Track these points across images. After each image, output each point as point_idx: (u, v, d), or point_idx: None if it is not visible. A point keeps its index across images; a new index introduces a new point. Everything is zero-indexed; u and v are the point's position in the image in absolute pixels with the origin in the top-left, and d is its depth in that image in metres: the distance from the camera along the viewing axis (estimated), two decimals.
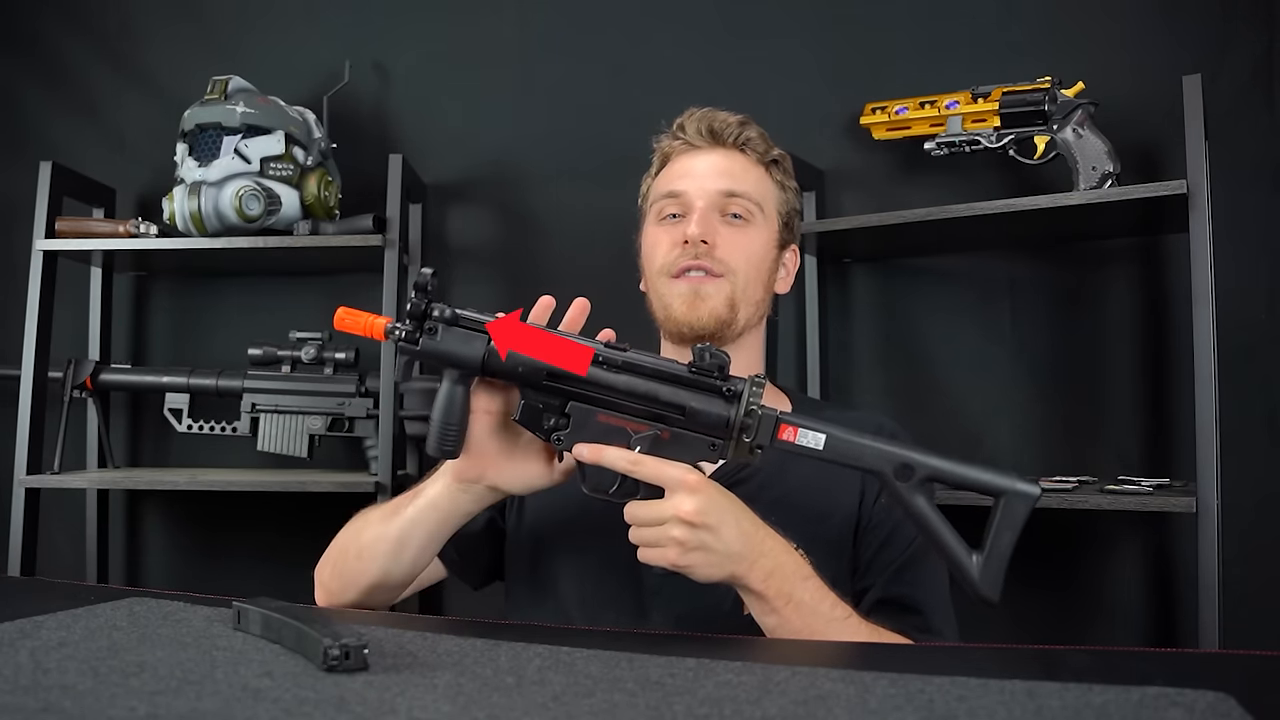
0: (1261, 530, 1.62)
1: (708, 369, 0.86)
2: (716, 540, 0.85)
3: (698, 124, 1.13)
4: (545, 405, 0.87)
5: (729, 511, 0.86)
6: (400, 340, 0.85)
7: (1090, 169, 1.55)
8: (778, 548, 0.89)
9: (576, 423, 0.87)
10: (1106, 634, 1.71)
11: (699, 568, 0.86)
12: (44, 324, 1.82)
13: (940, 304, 1.84)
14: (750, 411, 0.85)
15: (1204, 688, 0.59)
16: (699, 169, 1.12)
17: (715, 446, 0.86)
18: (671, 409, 0.86)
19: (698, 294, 1.07)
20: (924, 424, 1.73)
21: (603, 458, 0.86)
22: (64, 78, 2.14)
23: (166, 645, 0.70)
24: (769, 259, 1.13)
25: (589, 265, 1.90)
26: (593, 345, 0.87)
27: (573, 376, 0.86)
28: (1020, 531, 0.83)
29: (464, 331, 0.85)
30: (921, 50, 1.83)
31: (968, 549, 0.84)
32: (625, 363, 0.86)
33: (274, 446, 1.87)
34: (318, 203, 1.84)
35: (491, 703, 0.59)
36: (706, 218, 1.08)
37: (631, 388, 0.86)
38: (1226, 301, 1.53)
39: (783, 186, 1.15)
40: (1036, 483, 0.85)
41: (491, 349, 0.85)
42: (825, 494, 1.06)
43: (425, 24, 2.05)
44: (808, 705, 0.59)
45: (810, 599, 0.89)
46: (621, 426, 0.87)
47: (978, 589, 0.83)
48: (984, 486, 0.84)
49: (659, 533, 0.85)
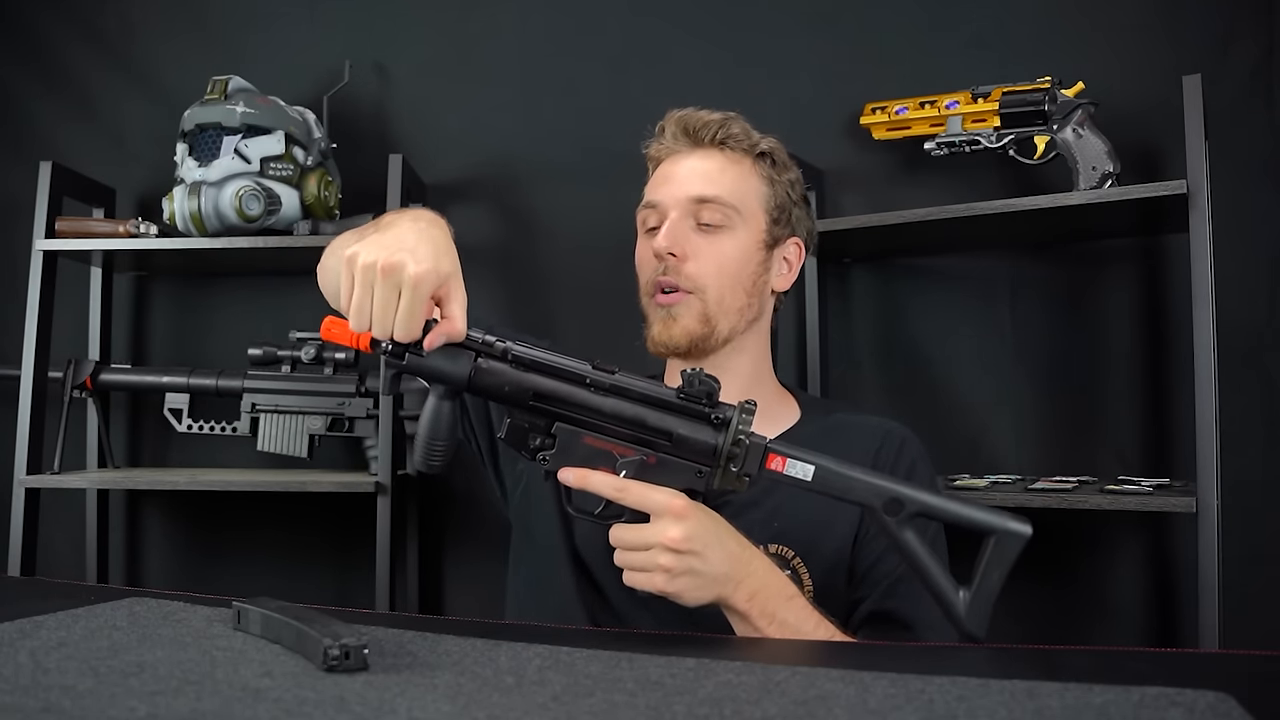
0: (1261, 530, 1.62)
1: (695, 395, 0.85)
2: (703, 564, 0.85)
3: (675, 126, 1.12)
4: (531, 425, 0.86)
5: (714, 534, 0.86)
6: (387, 354, 0.83)
7: (1090, 169, 1.55)
8: (763, 568, 0.90)
9: (562, 444, 0.86)
10: (1106, 634, 1.71)
11: (687, 593, 0.85)
12: (44, 324, 1.82)
13: (940, 304, 1.84)
14: (738, 440, 0.85)
15: (1204, 688, 0.59)
16: (676, 175, 1.10)
17: (702, 474, 0.86)
18: (658, 434, 0.85)
19: (670, 315, 1.07)
20: (924, 424, 1.72)
21: (588, 483, 0.85)
22: (64, 78, 2.14)
23: (166, 645, 0.70)
24: (751, 262, 1.10)
25: (589, 265, 1.90)
26: (581, 368, 0.86)
27: (559, 397, 0.85)
28: (1010, 570, 0.83)
29: (451, 348, 0.84)
30: (921, 50, 1.83)
31: (955, 585, 0.84)
32: (613, 386, 0.86)
33: (274, 446, 1.87)
34: (318, 203, 1.84)
35: (491, 703, 0.59)
36: (675, 229, 1.07)
37: (618, 411, 0.85)
38: (1226, 301, 1.53)
39: (772, 181, 1.12)
40: (1027, 521, 0.84)
41: (478, 365, 0.84)
42: (826, 506, 1.05)
43: (425, 24, 2.05)
44: (808, 705, 0.59)
45: (794, 619, 0.89)
46: (608, 450, 0.86)
47: (963, 625, 0.83)
48: (975, 525, 0.84)
49: (645, 558, 0.85)
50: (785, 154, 1.15)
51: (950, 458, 1.75)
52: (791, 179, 1.15)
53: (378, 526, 1.75)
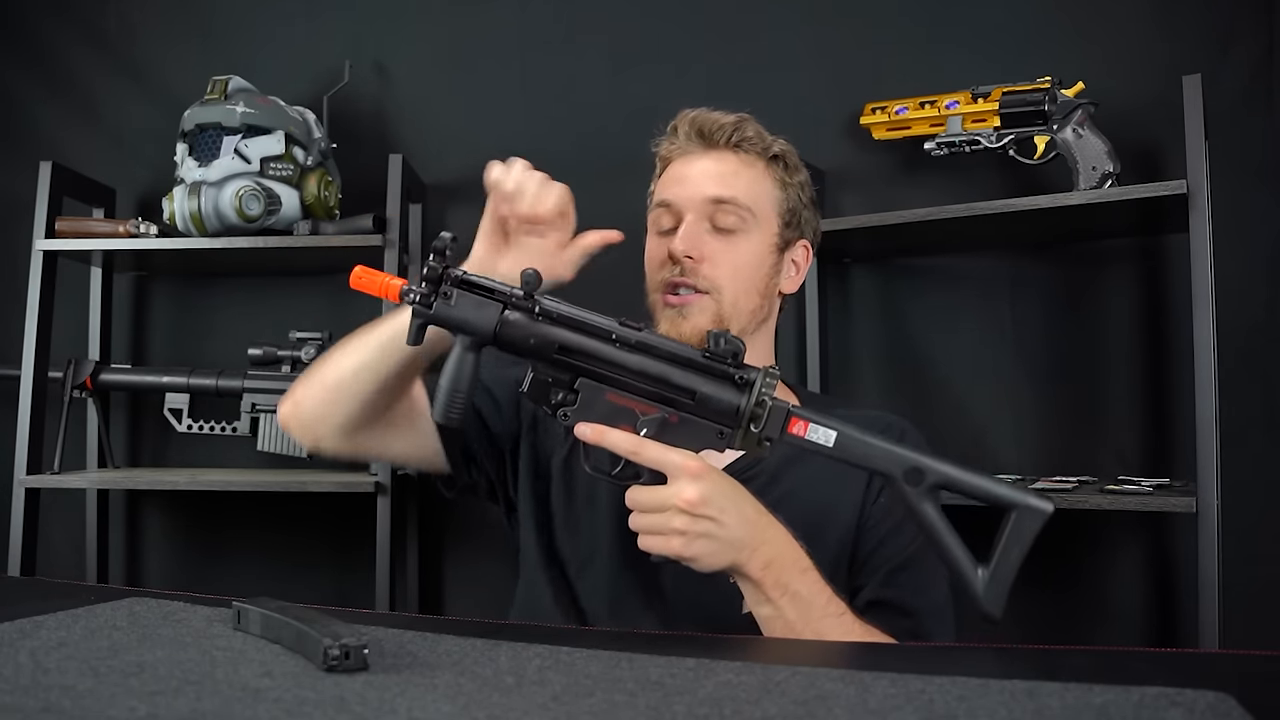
0: (1261, 530, 1.61)
1: (721, 355, 0.84)
2: (719, 528, 0.84)
3: (689, 127, 1.11)
4: (554, 380, 0.86)
5: (731, 498, 0.86)
6: (414, 303, 0.83)
7: (1090, 169, 1.55)
8: (779, 537, 0.89)
9: (585, 400, 0.85)
10: (1106, 634, 1.71)
11: (702, 557, 0.84)
12: (44, 324, 1.82)
13: (940, 304, 1.84)
14: (761, 401, 0.84)
15: (1204, 688, 0.59)
16: (691, 176, 1.10)
17: (723, 435, 0.85)
18: (682, 393, 0.85)
19: (681, 314, 1.06)
20: (924, 424, 1.70)
21: (605, 440, 0.85)
22: (64, 78, 2.14)
23: (166, 645, 0.70)
24: (765, 265, 1.10)
25: (589, 265, 1.89)
26: (608, 323, 0.85)
27: (584, 351, 0.84)
28: (1029, 548, 0.81)
29: (477, 298, 0.83)
30: (921, 50, 1.83)
31: (974, 562, 0.82)
32: (639, 342, 0.85)
33: (274, 446, 1.87)
34: (318, 203, 1.84)
35: (491, 703, 0.58)
36: (693, 231, 1.06)
37: (643, 368, 0.85)
38: (1226, 301, 1.53)
39: (784, 184, 1.12)
40: (1049, 499, 0.82)
41: (505, 318, 0.83)
42: (829, 492, 1.05)
43: (425, 24, 2.05)
44: (808, 705, 0.59)
45: (807, 592, 0.88)
46: (630, 407, 0.85)
47: (981, 604, 0.81)
48: (996, 499, 0.83)
49: (661, 520, 0.84)
50: (796, 157, 1.15)
51: (950, 458, 1.75)
52: (802, 181, 1.15)
53: (378, 527, 1.74)
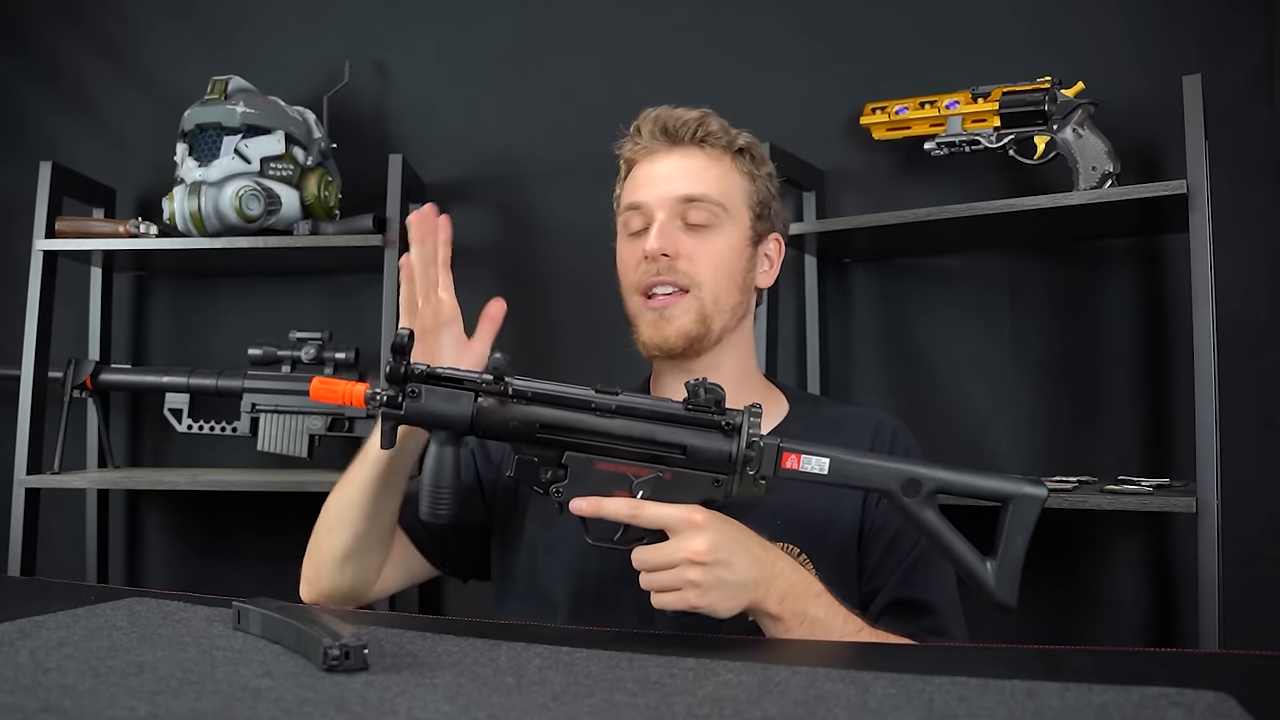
0: (1261, 530, 1.61)
1: (704, 405, 0.84)
2: (731, 573, 0.83)
3: (652, 125, 1.10)
4: (541, 458, 0.85)
5: (738, 540, 0.85)
6: (382, 407, 0.81)
7: (1090, 169, 1.55)
8: (789, 568, 0.89)
9: (575, 473, 0.84)
10: (1106, 634, 1.71)
11: (720, 604, 0.84)
12: (44, 324, 1.82)
13: (940, 304, 1.84)
14: (752, 444, 0.83)
15: (1204, 688, 0.59)
16: (659, 175, 1.08)
17: (719, 483, 0.85)
18: (671, 449, 0.84)
19: (663, 317, 1.05)
20: (924, 424, 1.73)
21: (603, 510, 0.83)
22: (64, 77, 2.14)
23: (166, 645, 0.70)
24: (741, 259, 1.09)
25: (589, 265, 1.89)
26: (584, 393, 0.84)
27: (566, 426, 0.83)
28: (1031, 534, 0.83)
29: (448, 390, 0.82)
30: (921, 50, 1.83)
31: (980, 557, 0.84)
32: (619, 406, 0.84)
33: (274, 446, 1.87)
34: (318, 203, 1.84)
35: (491, 703, 0.59)
36: (666, 229, 1.05)
37: (628, 431, 0.84)
38: (1226, 301, 1.53)
39: (752, 176, 1.11)
40: (1042, 484, 0.85)
41: (480, 406, 0.82)
42: (828, 500, 1.04)
43: (425, 24, 2.05)
44: (808, 705, 0.59)
45: (824, 615, 0.89)
46: (622, 472, 0.84)
47: (995, 596, 0.83)
48: (992, 494, 0.84)
49: (673, 576, 0.83)
50: (761, 149, 1.14)
51: (950, 458, 1.71)
52: (769, 173, 1.14)
53: None
